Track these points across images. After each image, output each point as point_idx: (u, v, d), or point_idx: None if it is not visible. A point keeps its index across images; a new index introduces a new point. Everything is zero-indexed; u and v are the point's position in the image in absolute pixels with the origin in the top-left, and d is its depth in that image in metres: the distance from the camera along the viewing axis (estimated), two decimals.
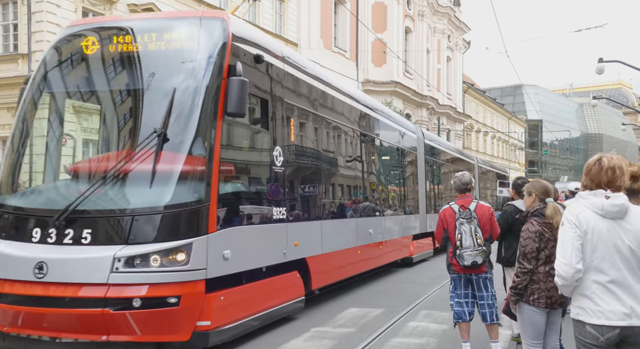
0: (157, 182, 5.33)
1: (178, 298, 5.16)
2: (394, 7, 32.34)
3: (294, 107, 7.46)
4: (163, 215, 5.28)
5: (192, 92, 5.56)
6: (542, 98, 74.02)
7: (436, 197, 16.91)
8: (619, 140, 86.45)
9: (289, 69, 7.32)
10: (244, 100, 5.55)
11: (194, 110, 5.50)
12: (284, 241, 6.86)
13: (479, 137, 51.27)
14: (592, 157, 2.99)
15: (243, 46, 6.10)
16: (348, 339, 6.28)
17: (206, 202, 5.37)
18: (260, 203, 6.46)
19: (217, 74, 5.64)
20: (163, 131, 5.38)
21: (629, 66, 21.75)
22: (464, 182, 5.56)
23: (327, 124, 8.72)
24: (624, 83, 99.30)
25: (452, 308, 5.53)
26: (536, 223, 4.00)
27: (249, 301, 6.19)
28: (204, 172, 5.42)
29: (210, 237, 5.41)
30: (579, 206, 2.91)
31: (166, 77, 5.77)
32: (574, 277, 2.82)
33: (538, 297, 3.92)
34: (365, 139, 10.49)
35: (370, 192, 10.72)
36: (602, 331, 2.76)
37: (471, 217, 5.26)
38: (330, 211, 8.83)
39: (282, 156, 6.86)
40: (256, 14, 22.55)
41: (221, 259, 5.58)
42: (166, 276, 5.15)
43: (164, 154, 5.39)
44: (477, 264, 5.18)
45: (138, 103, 5.84)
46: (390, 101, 28.73)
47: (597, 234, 2.81)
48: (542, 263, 3.95)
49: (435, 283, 10.56)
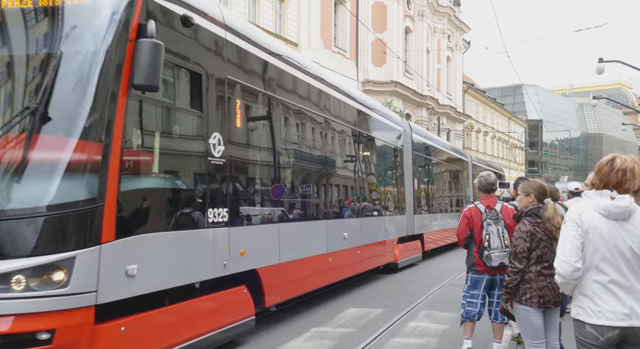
0: (29, 175, 4.09)
1: (51, 332, 3.89)
2: (394, 7, 32.33)
3: (241, 86, 6.16)
4: (34, 219, 3.98)
5: (85, 57, 4.30)
6: (542, 98, 74.00)
7: (427, 196, 15.86)
8: (619, 140, 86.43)
9: (235, 38, 6.00)
10: (156, 69, 4.33)
11: (86, 80, 4.24)
12: (224, 250, 5.56)
13: (478, 137, 51.27)
14: (606, 157, 2.93)
15: (163, 3, 4.86)
16: (348, 339, 6.28)
17: (99, 201, 4.09)
18: (188, 203, 5.18)
19: (121, 34, 4.36)
20: (40, 107, 4.13)
21: (629, 66, 21.75)
22: (490, 182, 5.54)
23: (288, 109, 7.36)
24: (624, 83, 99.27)
25: (463, 307, 5.50)
26: (528, 223, 4.03)
27: (166, 330, 4.85)
28: (97, 162, 4.15)
29: (104, 248, 4.11)
30: (583, 205, 2.90)
31: (52, 38, 4.46)
32: (572, 275, 2.81)
33: (530, 296, 3.95)
34: (338, 129, 9.21)
35: (343, 190, 9.57)
36: (602, 331, 2.75)
37: (498, 218, 5.23)
38: (290, 212, 7.40)
39: (222, 144, 5.59)
40: (256, 14, 22.55)
41: (122, 277, 4.29)
42: (35, 303, 3.87)
43: (42, 138, 4.17)
44: (505, 265, 5.07)
45: (12, 71, 4.49)
46: (390, 100, 28.73)
47: (598, 234, 2.80)
48: (533, 262, 3.98)
49: (435, 283, 10.55)
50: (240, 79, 6.10)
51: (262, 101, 6.80)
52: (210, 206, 5.37)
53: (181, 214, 5.07)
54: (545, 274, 3.95)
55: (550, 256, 3.99)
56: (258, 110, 6.78)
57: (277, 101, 7.05)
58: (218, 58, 5.72)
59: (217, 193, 5.52)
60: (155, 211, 4.79)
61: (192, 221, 5.19)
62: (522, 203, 4.35)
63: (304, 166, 7.98)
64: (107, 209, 4.15)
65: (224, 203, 5.60)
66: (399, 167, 13.04)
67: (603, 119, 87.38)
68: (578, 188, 8.58)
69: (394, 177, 12.82)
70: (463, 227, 5.45)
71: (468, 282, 5.52)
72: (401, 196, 12.99)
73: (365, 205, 10.44)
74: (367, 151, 10.90)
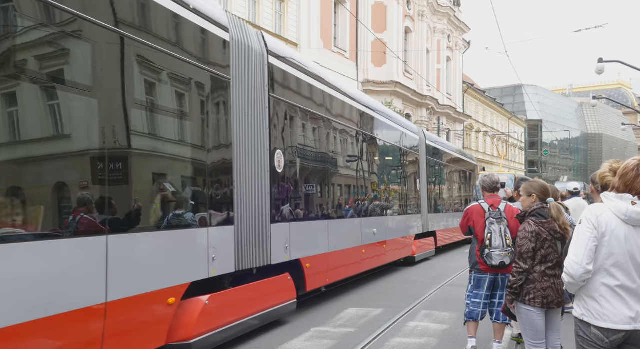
0: None
1: None
2: (394, 7, 32.33)
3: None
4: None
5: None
6: (542, 98, 74.02)
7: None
8: (618, 140, 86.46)
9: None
10: None
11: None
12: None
13: (478, 137, 51.26)
14: (631, 161, 2.84)
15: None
16: (348, 339, 6.28)
17: None
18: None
19: None
20: None
21: (629, 66, 21.75)
22: (494, 181, 5.60)
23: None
24: (624, 83, 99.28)
25: (467, 307, 5.52)
26: (533, 223, 4.02)
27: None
28: None
29: None
30: (602, 207, 2.84)
31: None
32: (582, 277, 2.79)
33: (534, 297, 3.94)
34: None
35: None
36: (608, 334, 2.75)
37: (501, 218, 5.26)
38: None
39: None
40: (256, 14, 22.56)
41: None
42: None
43: None
44: (505, 264, 5.17)
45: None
46: (390, 101, 28.73)
47: (615, 238, 2.76)
48: (538, 262, 3.97)
49: (435, 283, 10.56)
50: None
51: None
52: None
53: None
54: (549, 275, 3.95)
55: (555, 257, 4.00)
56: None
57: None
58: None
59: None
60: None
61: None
62: (525, 204, 4.36)
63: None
64: None
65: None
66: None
67: (603, 119, 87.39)
68: (577, 188, 8.58)
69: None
70: (463, 224, 5.64)
71: (471, 281, 5.53)
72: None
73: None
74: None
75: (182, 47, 5.09)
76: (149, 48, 4.61)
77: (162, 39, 4.79)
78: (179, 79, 5.13)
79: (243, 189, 5.94)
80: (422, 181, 14.78)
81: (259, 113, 6.37)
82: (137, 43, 4.47)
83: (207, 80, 5.45)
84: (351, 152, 9.62)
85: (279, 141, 6.85)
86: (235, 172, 5.81)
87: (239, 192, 5.84)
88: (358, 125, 9.90)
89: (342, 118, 9.17)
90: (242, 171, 5.93)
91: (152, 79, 4.81)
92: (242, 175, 5.94)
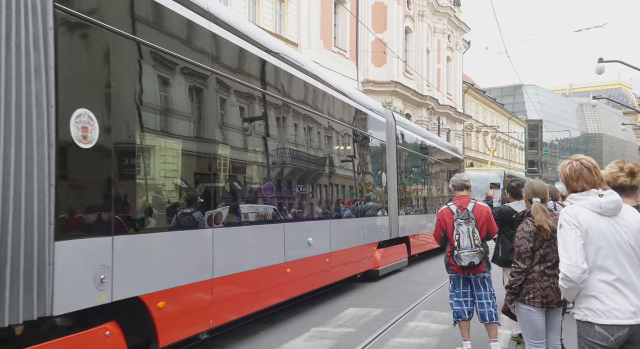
0: None
1: None
2: (394, 7, 32.33)
3: None
4: None
5: None
6: (542, 98, 74.03)
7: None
8: (618, 140, 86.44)
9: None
10: None
11: None
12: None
13: (478, 137, 51.26)
14: (570, 163, 3.10)
15: None
16: (348, 339, 6.29)
17: None
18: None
19: None
20: None
21: (629, 66, 21.76)
22: (464, 180, 5.63)
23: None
24: (624, 83, 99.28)
25: (451, 307, 5.60)
26: (531, 223, 4.03)
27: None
28: None
29: None
30: (576, 207, 2.92)
31: None
32: (580, 278, 2.79)
33: (533, 296, 3.94)
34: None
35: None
36: (612, 330, 2.74)
37: (469, 218, 5.33)
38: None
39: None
40: (256, 14, 22.56)
41: None
42: None
43: None
44: (474, 264, 5.27)
45: None
46: (390, 101, 28.74)
47: (598, 232, 2.81)
48: (536, 262, 3.97)
49: (435, 283, 10.56)
50: None
51: None
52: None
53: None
54: (548, 274, 3.95)
55: (554, 256, 3.99)
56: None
57: None
58: None
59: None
60: None
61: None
62: (526, 205, 4.48)
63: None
64: None
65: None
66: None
67: (603, 119, 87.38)
68: None
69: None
70: (437, 231, 5.63)
71: (450, 282, 5.65)
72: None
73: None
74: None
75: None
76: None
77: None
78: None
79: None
80: (391, 176, 12.05)
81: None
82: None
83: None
84: (277, 133, 6.97)
85: None
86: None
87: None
88: (291, 97, 7.29)
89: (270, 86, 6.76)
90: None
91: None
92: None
